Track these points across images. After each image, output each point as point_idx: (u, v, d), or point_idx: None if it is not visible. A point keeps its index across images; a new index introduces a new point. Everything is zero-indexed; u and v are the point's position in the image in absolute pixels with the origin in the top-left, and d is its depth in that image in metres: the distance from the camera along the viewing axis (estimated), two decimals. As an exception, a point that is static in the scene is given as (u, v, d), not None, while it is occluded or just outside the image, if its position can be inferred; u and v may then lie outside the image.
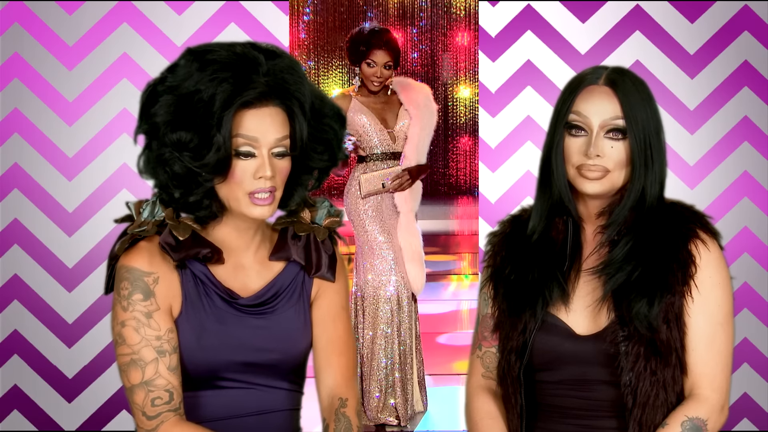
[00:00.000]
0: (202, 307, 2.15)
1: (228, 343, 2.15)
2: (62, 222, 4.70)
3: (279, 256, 2.23)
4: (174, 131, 2.06)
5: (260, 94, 2.08)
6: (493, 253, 2.35)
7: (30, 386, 4.71)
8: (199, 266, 2.16)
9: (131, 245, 2.15)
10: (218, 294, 2.16)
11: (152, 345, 2.09)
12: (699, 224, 2.25)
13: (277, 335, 2.19)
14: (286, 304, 2.21)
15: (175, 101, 2.06)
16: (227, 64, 2.07)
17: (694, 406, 2.18)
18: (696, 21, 4.68)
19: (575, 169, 2.20)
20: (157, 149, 2.09)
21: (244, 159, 2.09)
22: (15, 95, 4.68)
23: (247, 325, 2.17)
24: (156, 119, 2.08)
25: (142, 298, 2.10)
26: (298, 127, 2.12)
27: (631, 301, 2.17)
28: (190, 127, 2.06)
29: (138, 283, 2.10)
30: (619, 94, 2.20)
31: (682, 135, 4.69)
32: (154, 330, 2.10)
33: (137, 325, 2.09)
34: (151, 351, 2.08)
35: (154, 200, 2.18)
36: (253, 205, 2.10)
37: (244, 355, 2.16)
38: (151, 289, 2.11)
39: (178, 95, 2.07)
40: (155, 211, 2.17)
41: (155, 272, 2.12)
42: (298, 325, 2.22)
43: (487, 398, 2.31)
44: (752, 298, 4.69)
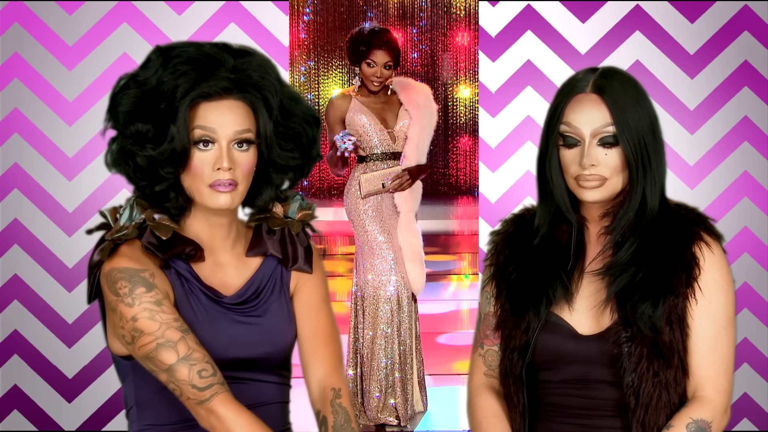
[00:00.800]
0: (189, 305, 2.15)
1: (218, 340, 2.15)
2: (62, 222, 4.71)
3: (255, 252, 2.24)
4: (133, 123, 2.09)
5: (222, 88, 2.10)
6: (495, 251, 2.35)
7: (30, 386, 4.71)
8: (183, 264, 2.17)
9: (112, 251, 2.15)
10: (203, 292, 2.17)
11: (173, 326, 2.07)
12: (703, 227, 2.24)
13: (264, 330, 2.20)
14: (269, 299, 2.23)
15: (140, 95, 2.10)
16: (191, 60, 2.10)
17: (698, 409, 2.18)
18: (696, 21, 4.68)
19: (573, 179, 2.20)
20: (120, 141, 2.13)
21: (202, 150, 2.10)
22: (15, 95, 4.68)
23: (235, 322, 2.18)
24: (118, 111, 2.12)
25: (146, 291, 2.09)
26: (261, 121, 2.13)
27: (635, 302, 2.17)
28: (149, 118, 2.09)
29: (136, 279, 2.10)
30: (607, 101, 2.19)
31: (682, 135, 4.69)
32: (168, 314, 2.08)
33: (151, 315, 2.07)
34: (175, 331, 2.06)
35: (131, 204, 2.18)
36: (215, 193, 2.11)
37: (234, 351, 2.16)
38: (152, 282, 2.11)
39: (143, 90, 2.10)
40: (133, 215, 2.18)
41: (148, 268, 2.12)
42: (282, 319, 2.23)
43: (490, 396, 2.32)
44: (752, 298, 4.70)
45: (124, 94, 2.12)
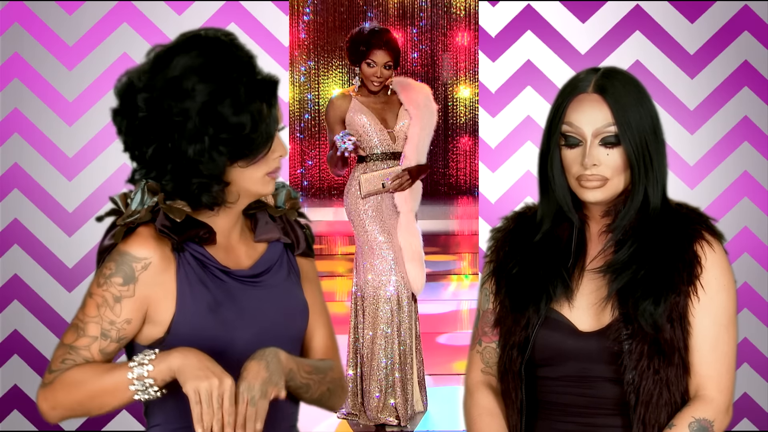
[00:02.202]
0: (210, 285, 2.17)
1: (241, 315, 2.18)
2: (62, 222, 4.71)
3: (264, 237, 2.27)
4: (236, 114, 2.08)
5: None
6: (496, 248, 2.35)
7: (30, 386, 4.71)
8: (196, 247, 2.18)
9: (129, 232, 2.16)
10: (221, 270, 2.19)
11: (101, 325, 2.11)
12: (704, 226, 2.25)
13: (283, 305, 2.23)
14: (281, 277, 2.26)
15: (213, 89, 2.12)
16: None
17: (701, 407, 2.18)
18: (696, 21, 4.68)
19: (575, 180, 2.20)
20: (198, 125, 2.08)
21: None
22: (15, 95, 4.68)
23: (253, 295, 2.20)
24: (193, 104, 2.09)
25: (121, 282, 2.12)
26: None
27: (637, 299, 2.17)
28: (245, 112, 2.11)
29: (123, 267, 2.12)
30: (609, 101, 2.19)
31: (682, 135, 4.69)
32: (113, 315, 2.12)
33: (101, 303, 2.12)
34: (97, 329, 2.11)
35: (142, 188, 2.18)
36: (271, 180, 2.18)
37: (258, 325, 2.18)
38: (135, 276, 2.12)
39: (215, 83, 2.12)
40: (144, 199, 2.18)
41: (148, 258, 2.13)
42: (299, 297, 2.27)
43: (486, 394, 2.31)
44: (752, 298, 4.70)
45: (195, 93, 2.10)
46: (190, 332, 2.14)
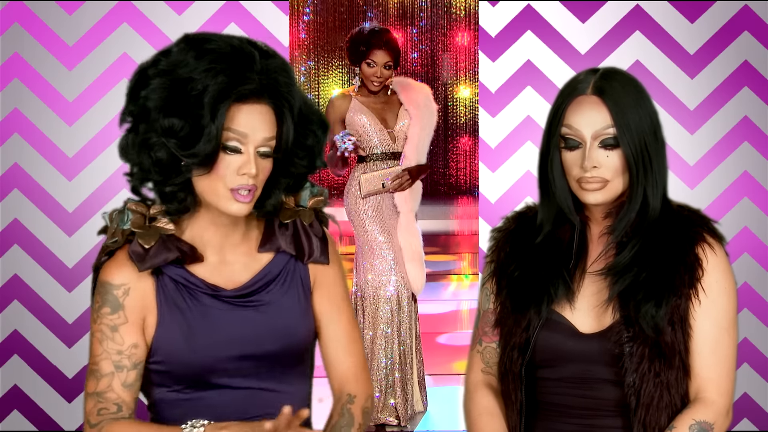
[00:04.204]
0: (186, 309, 2.13)
1: (218, 340, 2.12)
2: (62, 222, 4.71)
3: (268, 248, 2.20)
4: (166, 117, 2.03)
5: (254, 91, 2.05)
6: (496, 248, 2.34)
7: (30, 386, 4.71)
8: (175, 269, 2.13)
9: (109, 256, 2.15)
10: (201, 292, 2.14)
11: (111, 359, 2.10)
12: (706, 228, 2.24)
13: (272, 325, 2.16)
14: (279, 292, 2.18)
15: (168, 86, 2.04)
16: (224, 56, 2.04)
17: (701, 410, 2.18)
18: (696, 21, 4.68)
19: (576, 182, 2.20)
20: (143, 133, 2.06)
21: (230, 154, 2.06)
22: (15, 95, 4.68)
23: (236, 317, 2.14)
24: (148, 103, 2.05)
25: (110, 312, 2.11)
26: (285, 129, 2.09)
27: (638, 301, 2.17)
28: (183, 114, 2.02)
29: (107, 297, 2.11)
30: (608, 103, 2.18)
31: (682, 135, 4.69)
32: (116, 344, 2.11)
33: (102, 338, 2.11)
34: (110, 364, 2.10)
35: (122, 209, 2.16)
36: (233, 200, 2.07)
37: (238, 349, 2.13)
38: (120, 302, 2.11)
39: (171, 80, 2.04)
40: (125, 220, 2.16)
41: (126, 283, 2.11)
42: (293, 314, 2.19)
43: (486, 394, 2.31)
44: (752, 298, 4.70)
45: (150, 85, 2.05)
46: (165, 358, 2.13)
